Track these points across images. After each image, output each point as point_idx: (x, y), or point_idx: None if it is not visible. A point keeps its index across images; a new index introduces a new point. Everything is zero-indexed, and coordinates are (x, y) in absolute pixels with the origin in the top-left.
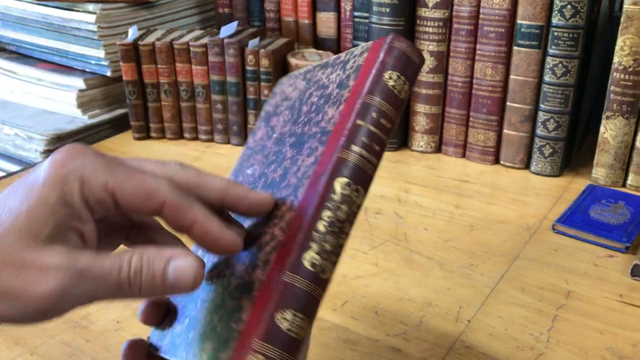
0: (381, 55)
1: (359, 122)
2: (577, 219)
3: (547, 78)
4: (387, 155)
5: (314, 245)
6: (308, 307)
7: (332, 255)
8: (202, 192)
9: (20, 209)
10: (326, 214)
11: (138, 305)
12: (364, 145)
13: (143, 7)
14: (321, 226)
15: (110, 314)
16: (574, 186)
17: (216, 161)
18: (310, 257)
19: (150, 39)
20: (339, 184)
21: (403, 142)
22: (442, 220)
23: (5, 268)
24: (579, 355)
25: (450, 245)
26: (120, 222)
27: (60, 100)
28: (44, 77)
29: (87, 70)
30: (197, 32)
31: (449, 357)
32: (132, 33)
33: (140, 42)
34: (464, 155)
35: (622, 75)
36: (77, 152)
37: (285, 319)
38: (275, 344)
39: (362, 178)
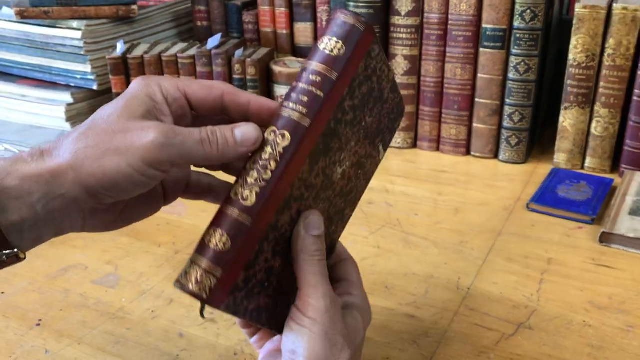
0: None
1: (294, 83)
2: (547, 198)
3: (511, 75)
4: None
5: (239, 180)
6: (225, 223)
7: (254, 186)
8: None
9: (117, 104)
10: (253, 156)
11: (166, 298)
12: (289, 98)
13: (124, 22)
14: (248, 165)
15: (144, 304)
16: (539, 171)
17: None
18: (234, 188)
19: (137, 52)
20: (267, 132)
21: None
22: (428, 206)
23: (115, 135)
24: (565, 309)
25: (441, 227)
26: (182, 177)
27: (48, 115)
28: (28, 93)
29: (72, 85)
30: (182, 45)
31: (457, 318)
32: (120, 47)
33: (128, 56)
34: (438, 149)
35: (577, 71)
36: (149, 75)
37: (208, 234)
38: (196, 250)
39: (288, 124)
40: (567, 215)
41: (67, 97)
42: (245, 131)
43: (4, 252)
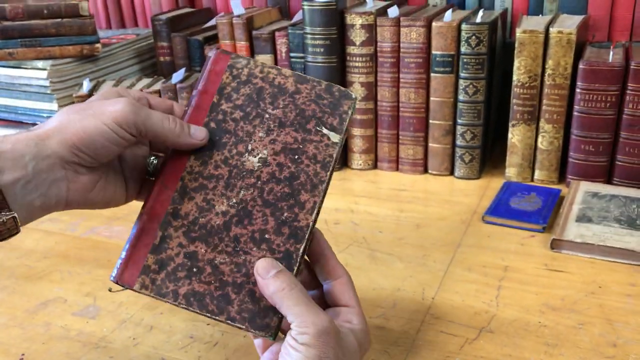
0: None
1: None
2: (501, 209)
3: (461, 97)
4: (334, 175)
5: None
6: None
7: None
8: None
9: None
10: None
11: (146, 325)
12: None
13: (89, 60)
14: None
15: (125, 333)
16: (492, 185)
17: None
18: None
19: (104, 89)
20: None
21: (344, 162)
22: (391, 223)
23: (93, 106)
24: (522, 312)
25: (404, 242)
26: (140, 162)
27: None
28: None
29: (39, 123)
30: (147, 80)
31: (423, 327)
32: (87, 85)
33: (95, 93)
34: (397, 169)
35: (521, 90)
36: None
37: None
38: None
39: None
40: (520, 225)
41: None
42: (198, 129)
43: (2, 213)
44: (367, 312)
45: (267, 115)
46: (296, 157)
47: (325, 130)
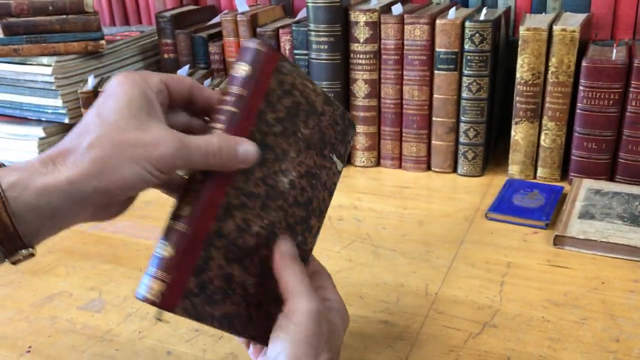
0: None
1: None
2: (504, 206)
3: (464, 94)
4: None
5: (179, 195)
6: (168, 234)
7: (187, 197)
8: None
9: (118, 108)
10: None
11: (151, 319)
12: (212, 120)
13: (94, 56)
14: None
15: (130, 326)
16: (495, 182)
17: None
18: (175, 204)
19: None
20: None
21: (347, 159)
22: (395, 220)
23: (129, 144)
24: (525, 307)
25: (407, 239)
26: None
27: (20, 150)
28: None
29: (43, 119)
30: None
31: (427, 321)
32: (91, 81)
33: (100, 89)
34: (400, 166)
35: (524, 88)
36: (129, 72)
37: (158, 247)
38: (150, 263)
39: None
40: (523, 221)
41: (39, 131)
42: (248, 149)
43: (22, 251)
44: (370, 307)
45: (299, 135)
46: (313, 182)
47: (335, 158)
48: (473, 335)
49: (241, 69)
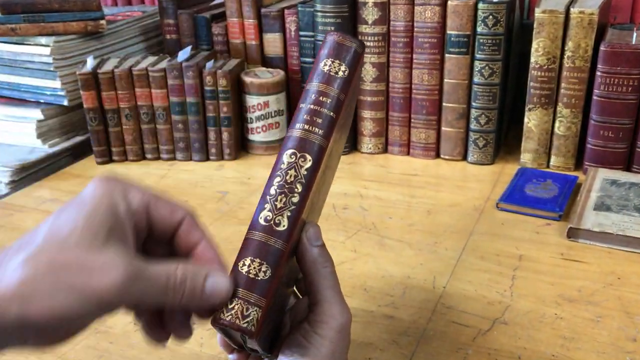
0: (320, 50)
1: (301, 105)
2: (515, 196)
3: (476, 79)
4: (342, 159)
5: (267, 205)
6: (263, 252)
7: (285, 210)
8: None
9: (76, 218)
10: (276, 180)
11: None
12: (304, 121)
13: (93, 37)
14: (272, 190)
15: (126, 318)
16: (506, 171)
17: (183, 177)
18: (263, 215)
19: (107, 67)
20: (286, 155)
21: (353, 145)
22: (402, 209)
23: (71, 268)
24: (537, 303)
25: (414, 229)
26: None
27: (18, 132)
28: None
29: (42, 101)
30: (152, 58)
31: (434, 316)
32: (90, 63)
33: (99, 71)
34: (408, 153)
35: (539, 73)
36: (113, 176)
37: (245, 265)
38: (237, 284)
39: (307, 146)
40: (535, 212)
41: (37, 113)
42: (217, 283)
43: None
44: (375, 301)
45: (337, 136)
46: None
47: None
48: (482, 332)
49: (341, 71)
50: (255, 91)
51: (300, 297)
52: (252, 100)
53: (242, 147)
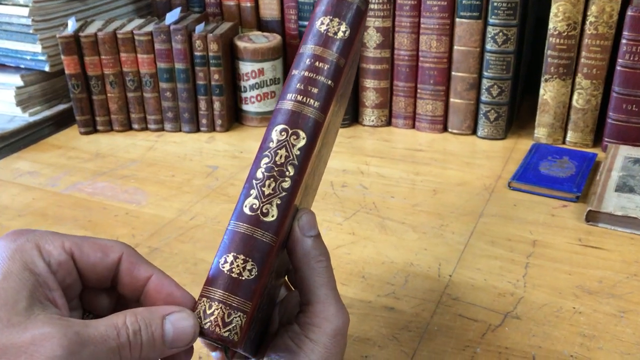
0: (315, 8)
1: (293, 72)
2: (529, 175)
3: (488, 47)
4: (342, 132)
5: (253, 191)
6: (248, 247)
7: (273, 198)
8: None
9: None
10: (264, 161)
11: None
12: (297, 91)
13: None
14: (259, 173)
15: None
16: (519, 146)
17: (170, 150)
18: (249, 203)
19: (91, 30)
20: (275, 132)
21: (354, 117)
22: (405, 187)
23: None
24: (553, 295)
25: (418, 210)
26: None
27: None
28: None
29: (22, 66)
30: (139, 21)
31: (439, 309)
32: (72, 25)
33: (81, 34)
34: (413, 126)
35: (558, 40)
36: (22, 229)
37: (226, 262)
38: (217, 285)
39: (300, 121)
40: (551, 193)
41: (16, 79)
42: (179, 324)
43: None
44: (374, 290)
45: (336, 108)
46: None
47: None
48: (492, 328)
49: (341, 31)
50: (250, 57)
51: (293, 289)
52: (245, 67)
53: (235, 118)
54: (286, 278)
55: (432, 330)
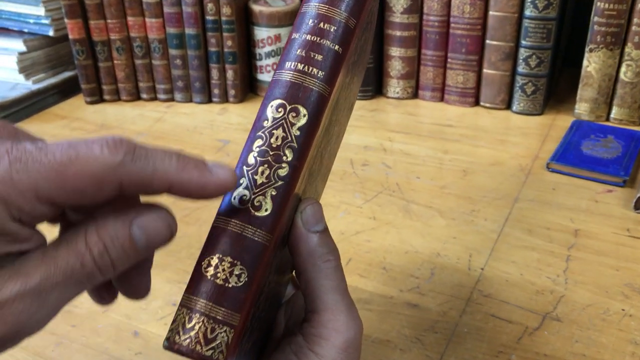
0: None
1: (293, 36)
2: (570, 155)
3: (528, 12)
4: (363, 104)
5: (243, 180)
6: (236, 248)
7: (268, 188)
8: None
9: None
10: (257, 144)
11: None
12: (298, 58)
13: None
14: (250, 158)
15: None
16: (558, 123)
17: (180, 121)
18: (238, 194)
19: None
20: (271, 108)
21: (377, 89)
22: (432, 167)
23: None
24: (599, 294)
25: (447, 192)
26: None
27: None
28: None
29: (26, 30)
30: None
31: (469, 307)
32: None
33: None
34: (442, 99)
35: (606, 5)
36: None
37: (210, 265)
38: (199, 294)
39: (301, 95)
40: (594, 176)
41: (19, 45)
42: (150, 230)
43: None
44: (396, 284)
45: (352, 85)
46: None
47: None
48: (529, 331)
49: None
50: (265, 22)
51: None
52: (261, 33)
53: (249, 88)
54: (294, 273)
55: (461, 332)
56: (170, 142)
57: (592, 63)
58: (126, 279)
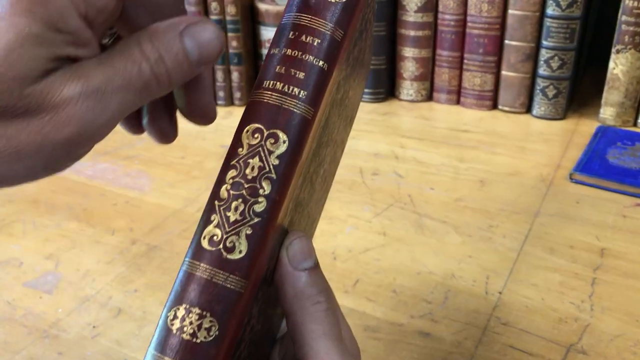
0: None
1: (272, 51)
2: (595, 165)
3: (550, 11)
4: (374, 107)
5: (214, 217)
6: (206, 297)
7: (242, 226)
8: None
9: None
10: (230, 175)
11: (113, 307)
12: (276, 76)
13: None
14: (223, 191)
15: (84, 317)
16: (582, 129)
17: (182, 126)
18: (208, 233)
19: None
20: (246, 134)
21: (390, 91)
22: (447, 176)
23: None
24: (630, 323)
25: (462, 205)
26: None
27: None
28: None
29: None
30: None
31: (485, 337)
32: None
33: None
34: (458, 102)
35: (636, 3)
36: None
37: (176, 318)
38: (163, 350)
39: (280, 119)
40: (621, 188)
41: None
42: (201, 41)
43: None
44: (407, 309)
45: (347, 101)
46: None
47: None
48: None
49: None
50: (272, 21)
51: None
52: (267, 33)
53: None
54: None
55: None
56: (172, 149)
57: (619, 65)
58: (190, 99)
